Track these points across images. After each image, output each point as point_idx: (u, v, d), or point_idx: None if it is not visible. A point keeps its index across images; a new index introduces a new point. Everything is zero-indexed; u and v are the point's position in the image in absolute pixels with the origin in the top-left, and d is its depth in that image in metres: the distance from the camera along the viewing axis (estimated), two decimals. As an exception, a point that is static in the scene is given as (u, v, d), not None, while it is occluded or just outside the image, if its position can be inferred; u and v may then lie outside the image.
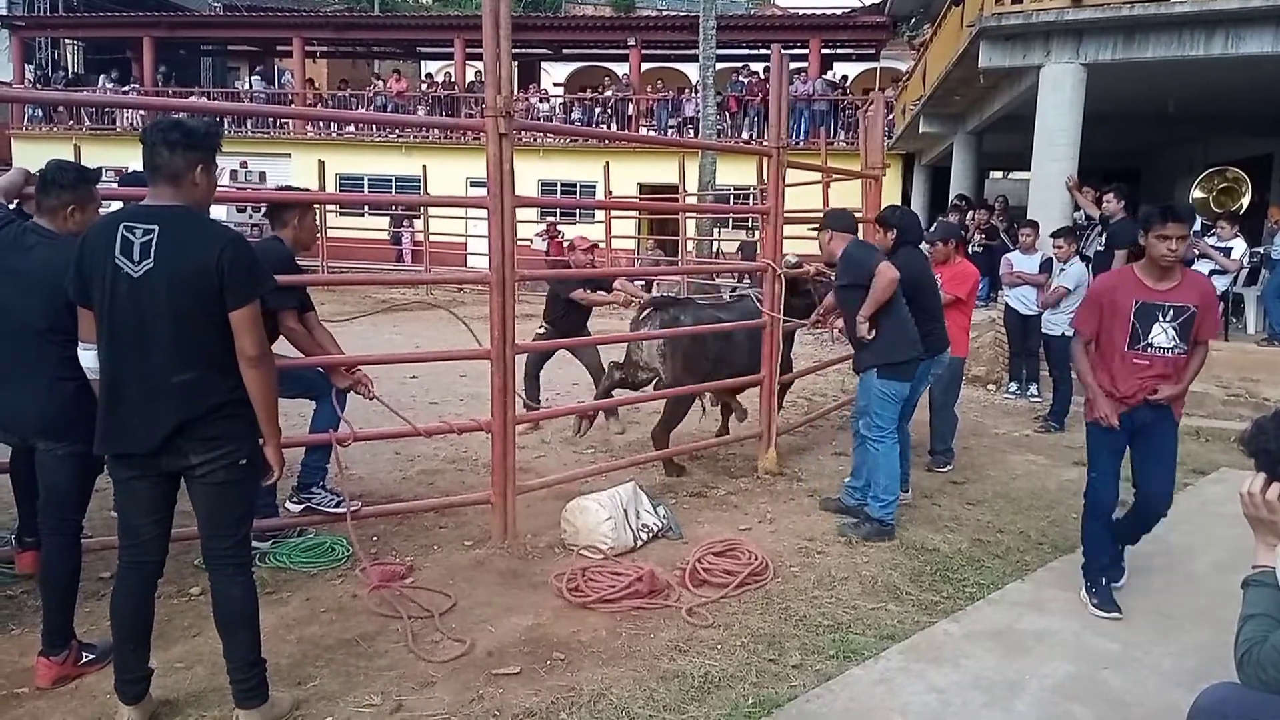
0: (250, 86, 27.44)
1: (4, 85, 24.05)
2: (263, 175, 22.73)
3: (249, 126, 25.47)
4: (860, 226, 7.59)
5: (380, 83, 26.99)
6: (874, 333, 4.91)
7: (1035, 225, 8.65)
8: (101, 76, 27.23)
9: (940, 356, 5.56)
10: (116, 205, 3.18)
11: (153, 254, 2.64)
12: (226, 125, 25.57)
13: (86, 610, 3.55)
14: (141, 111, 24.58)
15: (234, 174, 21.41)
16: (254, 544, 4.42)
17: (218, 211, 19.53)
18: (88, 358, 2.84)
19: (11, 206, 3.55)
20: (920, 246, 5.75)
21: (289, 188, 4.68)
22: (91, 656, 3.23)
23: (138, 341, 2.67)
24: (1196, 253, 9.19)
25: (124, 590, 2.89)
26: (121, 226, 2.66)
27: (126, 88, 26.28)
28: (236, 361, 2.75)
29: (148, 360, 2.67)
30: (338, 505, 4.41)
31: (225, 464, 2.76)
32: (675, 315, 5.93)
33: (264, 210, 4.91)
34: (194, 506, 2.86)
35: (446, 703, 3.13)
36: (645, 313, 6.08)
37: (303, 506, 4.41)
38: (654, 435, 5.91)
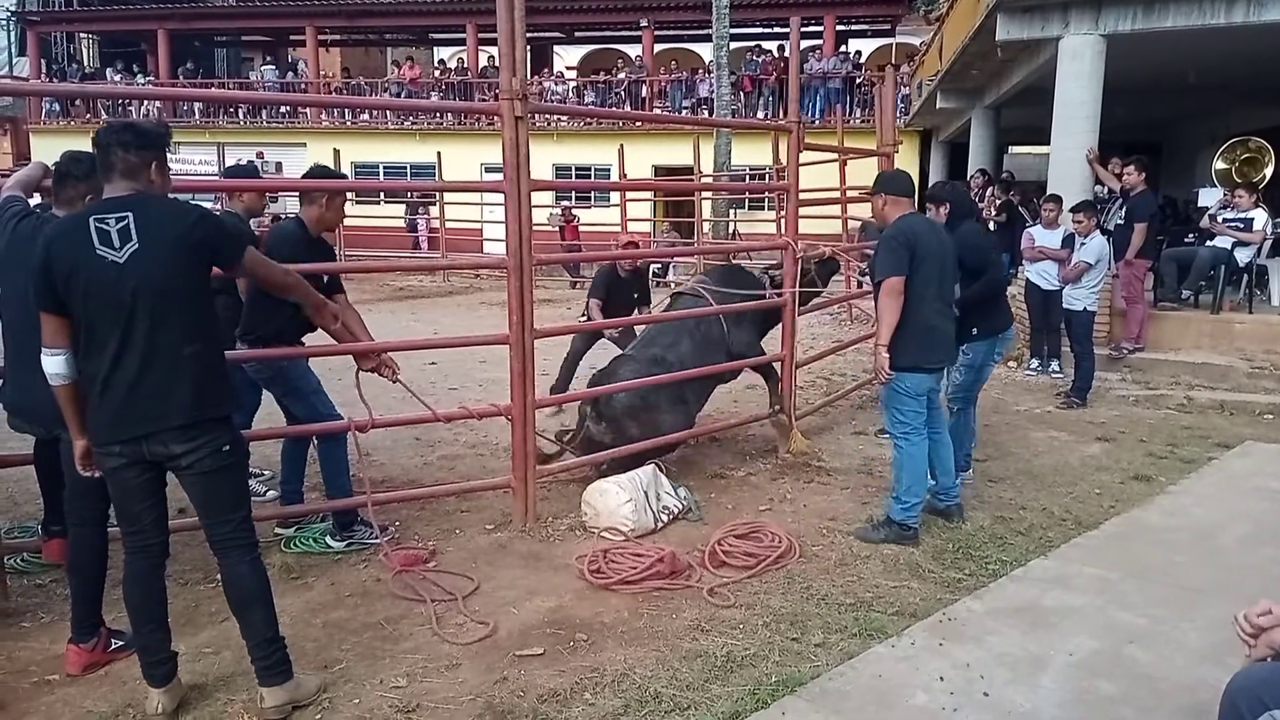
0: (262, 76, 27.54)
1: (20, 80, 24.27)
2: (279, 165, 22.80)
3: (264, 117, 25.58)
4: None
5: (396, 68, 27.02)
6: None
7: (1058, 199, 8.55)
8: (109, 70, 27.39)
9: (1006, 334, 5.32)
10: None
11: (134, 235, 2.69)
12: (242, 116, 25.73)
13: (114, 597, 3.57)
14: (157, 103, 24.77)
15: (250, 164, 21.47)
16: (277, 530, 4.48)
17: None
18: (55, 363, 2.82)
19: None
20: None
21: (324, 168, 4.66)
22: (121, 643, 3.26)
23: (137, 325, 2.69)
24: (1221, 220, 9.09)
25: (134, 576, 2.94)
26: (91, 220, 2.70)
27: (143, 80, 26.43)
28: (219, 341, 2.92)
29: (153, 339, 2.71)
30: (372, 535, 4.37)
31: (209, 452, 2.80)
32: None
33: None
34: (189, 498, 2.91)
35: (471, 684, 3.15)
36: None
37: (346, 542, 4.40)
38: None
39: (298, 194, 4.63)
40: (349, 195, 4.95)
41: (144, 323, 2.70)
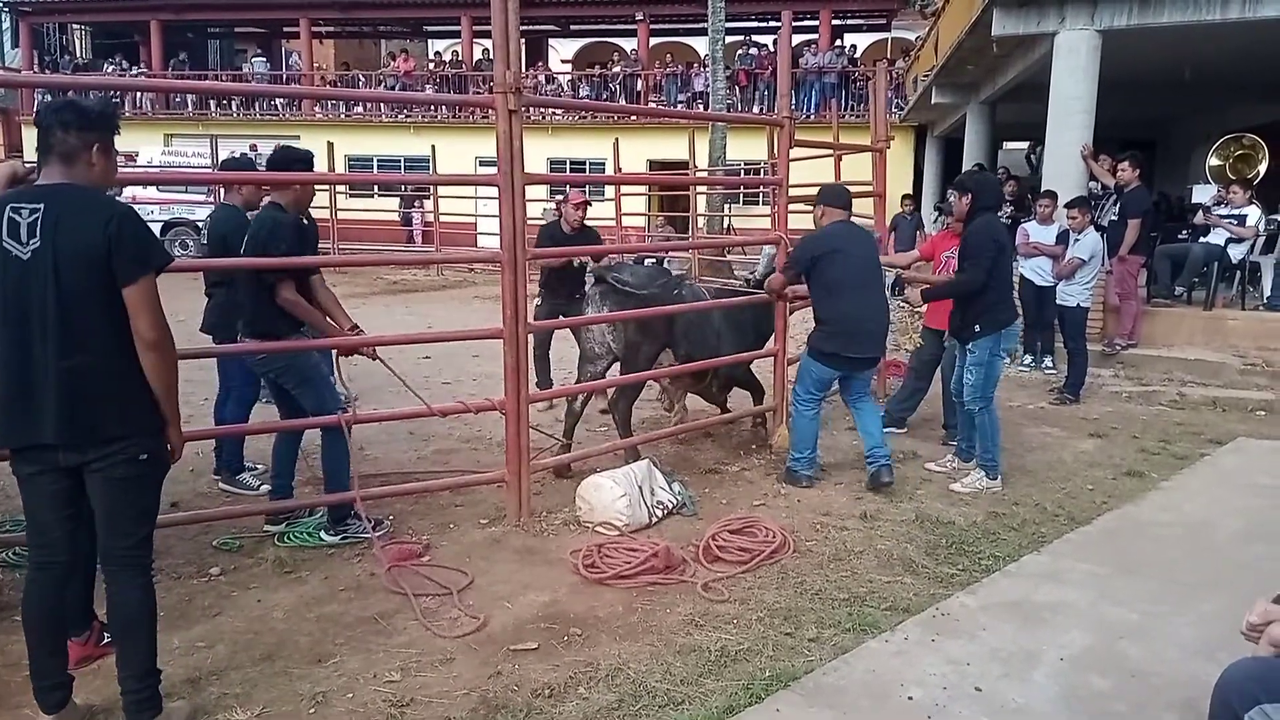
0: (254, 68, 27.44)
1: (12, 71, 24.12)
2: (273, 158, 22.76)
3: (258, 109, 25.49)
4: (874, 200, 7.59)
5: (390, 61, 26.94)
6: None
7: (1053, 195, 8.56)
8: (106, 63, 27.27)
9: (1008, 331, 5.39)
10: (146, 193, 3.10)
11: (39, 233, 2.53)
12: (235, 108, 25.63)
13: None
14: (150, 94, 24.64)
15: (245, 157, 21.40)
16: (266, 527, 4.45)
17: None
18: None
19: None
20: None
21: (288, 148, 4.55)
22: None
23: (31, 328, 2.56)
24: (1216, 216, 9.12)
25: (33, 595, 2.75)
26: (7, 209, 2.55)
27: (136, 71, 26.31)
28: (132, 347, 2.63)
29: (40, 347, 2.56)
30: (374, 528, 4.34)
31: (123, 459, 2.64)
32: (618, 277, 5.59)
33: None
34: (91, 502, 2.71)
35: (465, 678, 3.15)
36: (590, 288, 5.70)
37: (341, 536, 4.38)
38: (611, 404, 5.73)
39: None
40: (343, 187, 4.92)
41: (38, 327, 2.55)
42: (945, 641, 3.40)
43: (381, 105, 25.13)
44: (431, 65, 27.23)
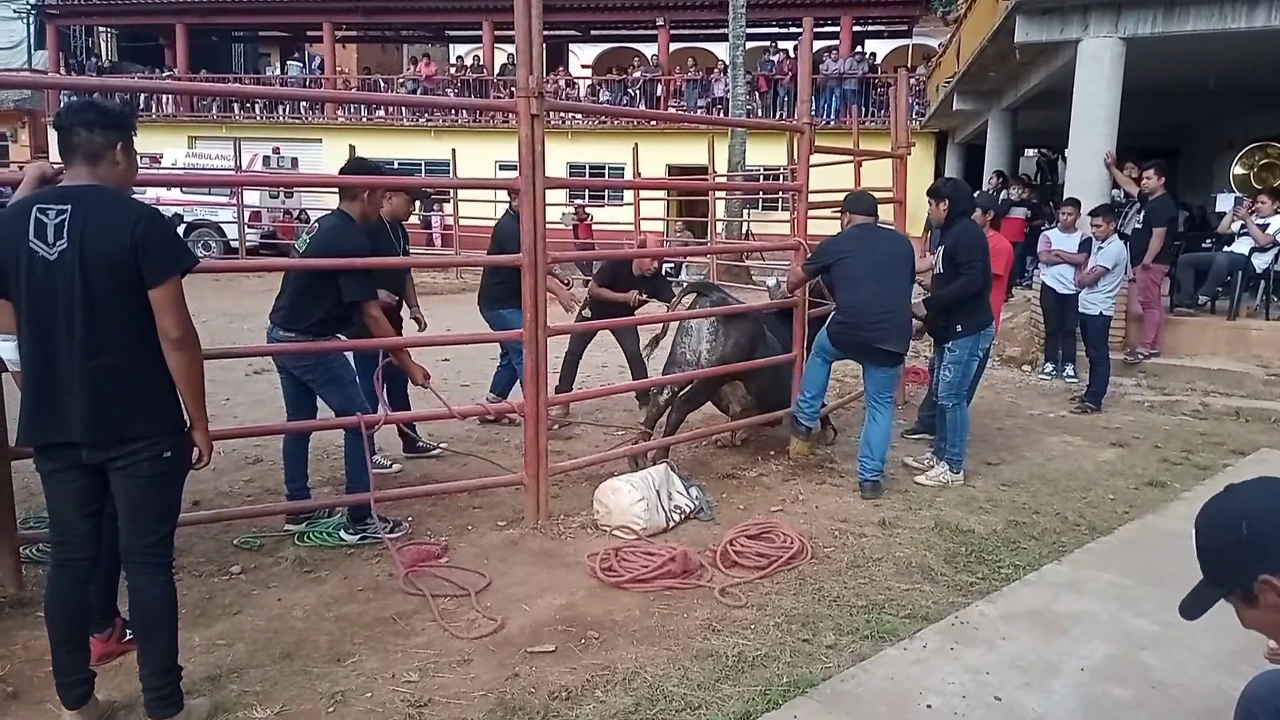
0: (285, 71, 27.67)
1: (39, 73, 24.46)
2: (295, 161, 22.90)
3: (281, 112, 25.70)
4: (895, 207, 7.57)
5: (412, 65, 27.13)
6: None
7: (1076, 203, 8.52)
8: (139, 68, 27.61)
9: (985, 331, 5.53)
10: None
11: (66, 234, 2.54)
12: (259, 111, 25.86)
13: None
14: (175, 96, 24.88)
15: (266, 160, 21.57)
16: (287, 526, 4.48)
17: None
18: (5, 349, 2.77)
19: None
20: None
21: (362, 160, 4.72)
22: (135, 634, 3.28)
23: (56, 328, 2.58)
24: (1239, 226, 9.03)
25: (55, 592, 2.77)
26: (34, 210, 2.57)
27: (165, 74, 26.58)
28: (157, 347, 2.66)
29: (66, 347, 2.58)
30: (391, 530, 4.37)
31: (147, 456, 2.66)
32: (720, 297, 5.82)
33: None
34: (115, 499, 2.72)
35: (483, 680, 3.15)
36: (689, 299, 5.91)
37: (360, 536, 4.40)
38: (673, 404, 5.80)
39: (337, 189, 4.64)
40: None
41: (63, 328, 2.57)
42: (964, 650, 3.38)
43: (403, 109, 25.29)
44: (453, 70, 27.38)
